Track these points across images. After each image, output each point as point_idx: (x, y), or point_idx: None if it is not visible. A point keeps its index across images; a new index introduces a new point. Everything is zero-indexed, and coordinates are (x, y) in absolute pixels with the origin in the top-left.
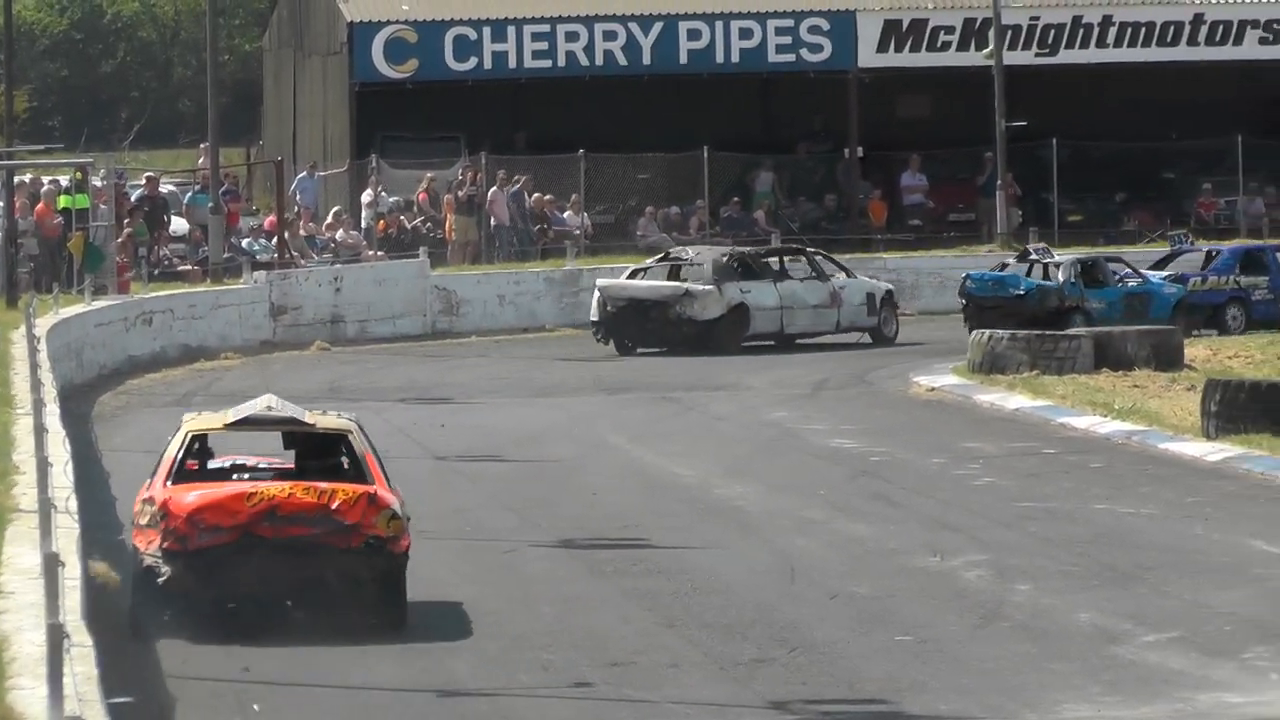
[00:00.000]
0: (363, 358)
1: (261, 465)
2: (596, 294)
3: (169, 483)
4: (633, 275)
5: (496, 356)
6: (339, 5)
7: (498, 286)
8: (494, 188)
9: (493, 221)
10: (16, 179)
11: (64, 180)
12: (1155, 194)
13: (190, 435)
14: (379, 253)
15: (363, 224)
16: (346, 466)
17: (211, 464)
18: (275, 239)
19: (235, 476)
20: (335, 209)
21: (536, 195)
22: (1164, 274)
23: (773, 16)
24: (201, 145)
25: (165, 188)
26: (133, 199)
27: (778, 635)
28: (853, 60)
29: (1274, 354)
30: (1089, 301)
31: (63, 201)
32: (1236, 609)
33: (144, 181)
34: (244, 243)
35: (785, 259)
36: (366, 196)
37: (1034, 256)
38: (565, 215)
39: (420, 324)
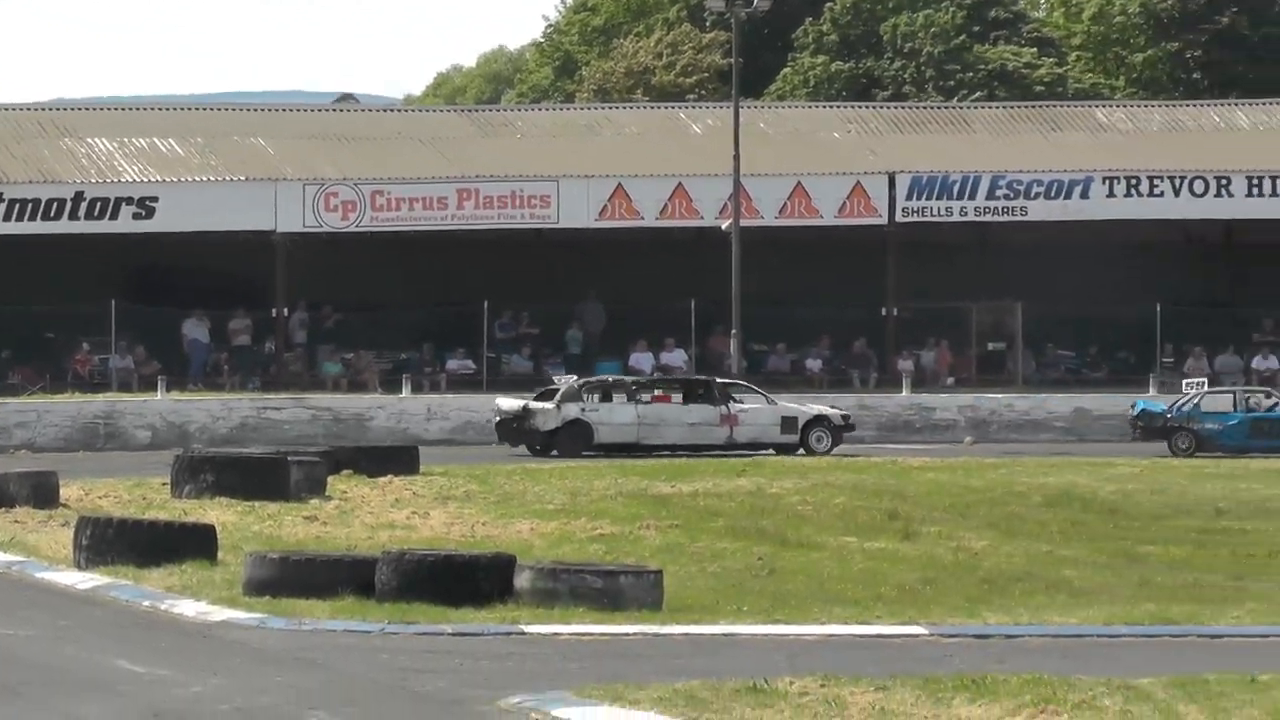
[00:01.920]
0: None
1: None
2: (495, 408)
3: None
4: (538, 398)
5: None
6: None
7: None
8: None
9: None
10: None
11: None
12: (37, 352)
13: None
14: None
15: None
16: None
17: None
18: None
19: None
20: None
21: None
22: None
23: None
24: None
25: None
26: None
27: None
28: None
29: (139, 495)
30: (1201, 423)
31: None
32: None
33: None
34: None
35: (694, 388)
36: None
37: (1185, 388)
38: None
39: None
